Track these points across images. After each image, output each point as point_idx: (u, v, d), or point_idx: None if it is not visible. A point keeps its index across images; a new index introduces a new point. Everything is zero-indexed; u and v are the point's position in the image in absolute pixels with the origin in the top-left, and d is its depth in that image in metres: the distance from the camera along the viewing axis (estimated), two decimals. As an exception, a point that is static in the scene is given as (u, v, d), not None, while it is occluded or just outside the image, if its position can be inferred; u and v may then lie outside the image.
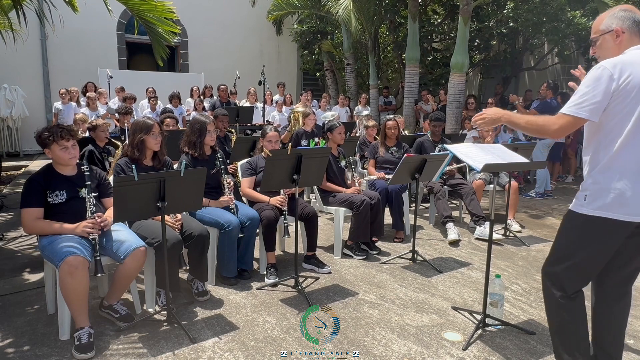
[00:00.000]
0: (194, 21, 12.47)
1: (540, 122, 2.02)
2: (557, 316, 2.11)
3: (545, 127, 1.99)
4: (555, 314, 2.12)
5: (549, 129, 1.98)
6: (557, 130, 1.96)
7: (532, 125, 2.05)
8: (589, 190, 1.97)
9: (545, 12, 8.66)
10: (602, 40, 2.03)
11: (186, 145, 3.59)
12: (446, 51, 11.69)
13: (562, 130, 1.96)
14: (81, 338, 2.45)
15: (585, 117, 1.89)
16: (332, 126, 4.43)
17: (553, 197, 6.87)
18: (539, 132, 2.05)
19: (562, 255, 2.07)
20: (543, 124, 2.00)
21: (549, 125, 1.98)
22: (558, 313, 2.10)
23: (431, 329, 2.83)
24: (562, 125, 1.95)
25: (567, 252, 2.05)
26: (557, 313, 2.11)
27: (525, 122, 2.08)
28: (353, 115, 10.47)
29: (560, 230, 2.12)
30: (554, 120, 1.97)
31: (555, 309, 2.10)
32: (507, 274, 3.81)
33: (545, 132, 2.01)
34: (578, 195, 2.04)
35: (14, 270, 3.68)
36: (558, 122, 1.95)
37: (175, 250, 2.89)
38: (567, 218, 2.09)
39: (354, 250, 4.13)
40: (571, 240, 2.05)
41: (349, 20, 9.72)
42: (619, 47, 1.97)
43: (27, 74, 10.63)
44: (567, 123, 1.93)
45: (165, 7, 5.61)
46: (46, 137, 2.69)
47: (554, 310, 2.11)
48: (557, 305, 2.08)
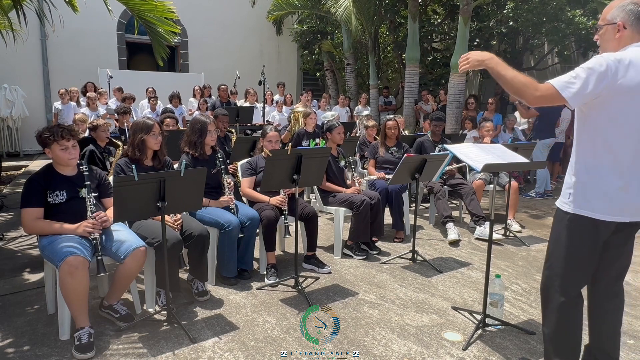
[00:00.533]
0: (194, 21, 12.47)
1: (524, 81, 1.89)
2: (555, 320, 2.09)
3: (528, 89, 1.88)
4: (552, 318, 2.10)
5: (530, 92, 1.88)
6: (538, 97, 1.87)
7: (515, 82, 1.92)
8: (572, 188, 1.97)
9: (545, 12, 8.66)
10: (605, 30, 1.97)
11: (187, 145, 3.59)
12: (446, 51, 11.69)
13: (543, 98, 1.88)
14: (81, 338, 2.46)
15: (567, 97, 1.83)
16: (332, 126, 4.43)
17: (553, 197, 6.87)
18: (519, 92, 1.92)
19: (553, 253, 2.08)
20: (526, 84, 1.89)
21: (532, 88, 1.87)
22: (556, 317, 2.08)
23: (431, 329, 2.83)
24: (544, 94, 1.86)
25: (557, 249, 2.05)
26: (555, 317, 2.08)
27: (511, 76, 1.93)
28: (353, 115, 10.47)
29: (552, 227, 2.12)
30: (539, 86, 1.88)
31: (554, 314, 2.08)
32: (507, 274, 3.81)
33: (525, 94, 1.89)
34: (563, 191, 2.03)
35: (14, 270, 3.69)
36: (541, 89, 1.87)
37: (175, 250, 2.89)
38: (555, 215, 2.10)
39: (354, 250, 4.13)
40: (559, 238, 2.05)
41: (349, 20, 9.73)
42: (618, 41, 1.92)
43: (27, 74, 10.63)
44: (550, 94, 1.86)
45: (165, 7, 5.61)
46: (46, 137, 2.69)
47: (552, 315, 2.09)
48: (556, 310, 2.07)
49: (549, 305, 2.11)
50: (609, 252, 2.03)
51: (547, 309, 2.13)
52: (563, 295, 2.04)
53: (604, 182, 1.89)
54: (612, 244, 2.01)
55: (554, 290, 2.07)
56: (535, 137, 6.74)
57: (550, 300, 2.10)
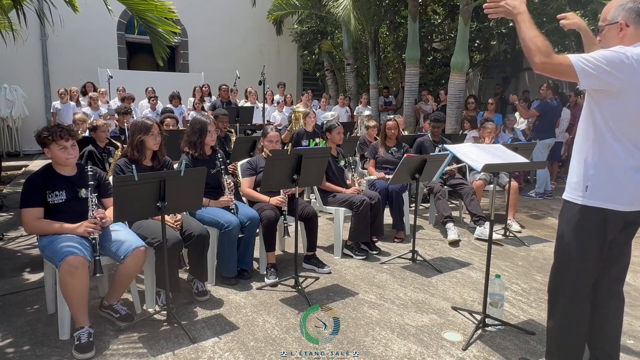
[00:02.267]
0: (194, 21, 12.47)
1: (539, 45, 1.84)
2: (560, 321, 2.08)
3: (539, 53, 1.83)
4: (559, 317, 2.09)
5: (539, 57, 1.83)
6: (545, 63, 1.82)
7: (531, 42, 1.86)
8: (590, 180, 1.93)
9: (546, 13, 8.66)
10: (607, 31, 1.95)
11: (187, 145, 3.59)
12: (446, 51, 11.70)
13: (550, 66, 1.83)
14: (81, 338, 2.45)
15: (579, 72, 1.78)
16: (331, 126, 4.43)
17: (553, 197, 6.87)
18: (530, 53, 1.87)
19: (562, 246, 2.06)
20: (540, 48, 1.83)
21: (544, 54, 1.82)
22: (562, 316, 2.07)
23: (431, 329, 2.83)
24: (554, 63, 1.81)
25: (566, 242, 2.04)
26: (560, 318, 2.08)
27: (530, 36, 1.87)
28: (353, 115, 10.48)
29: (559, 223, 2.10)
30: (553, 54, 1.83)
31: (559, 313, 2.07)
32: (507, 274, 3.81)
33: (534, 56, 1.85)
34: (574, 184, 1.99)
35: (14, 270, 3.68)
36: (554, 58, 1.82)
37: (175, 250, 2.89)
38: (563, 210, 2.07)
39: (354, 250, 4.13)
40: (568, 233, 2.03)
41: (348, 20, 9.72)
42: (621, 40, 1.90)
43: (27, 74, 10.63)
44: (561, 66, 1.81)
45: (165, 7, 5.62)
46: (45, 137, 2.69)
47: (558, 314, 2.08)
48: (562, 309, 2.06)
49: (555, 304, 2.10)
50: (611, 251, 2.03)
51: (552, 308, 2.12)
52: (572, 294, 2.04)
53: (617, 168, 1.87)
54: (615, 242, 2.01)
55: (562, 288, 2.06)
56: (535, 137, 6.74)
57: (556, 300, 2.09)
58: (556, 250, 2.12)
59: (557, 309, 2.10)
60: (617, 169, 1.89)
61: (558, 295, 2.10)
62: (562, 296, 2.08)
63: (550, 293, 2.15)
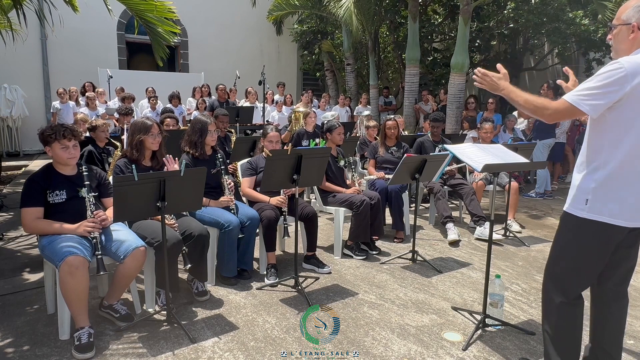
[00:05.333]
0: (194, 21, 12.47)
1: (537, 103, 1.96)
2: (555, 321, 2.08)
3: (543, 109, 1.94)
4: (553, 319, 2.09)
5: (544, 112, 1.94)
6: (551, 114, 1.93)
7: (529, 104, 1.99)
8: (591, 194, 1.91)
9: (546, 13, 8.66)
10: (619, 30, 1.94)
11: (187, 145, 3.59)
12: (446, 51, 11.69)
13: (558, 114, 1.92)
14: (81, 338, 2.45)
15: (585, 110, 1.84)
16: (331, 126, 4.43)
17: (553, 197, 6.87)
18: (535, 113, 1.99)
19: (560, 257, 2.06)
20: (541, 106, 1.94)
21: (545, 107, 1.93)
22: (556, 318, 2.07)
23: (431, 329, 2.83)
24: (559, 110, 1.90)
25: (565, 254, 2.04)
26: (555, 318, 2.08)
27: (524, 101, 2.01)
28: (353, 115, 10.47)
29: (558, 232, 2.09)
30: (552, 104, 1.92)
31: (555, 315, 2.07)
32: (507, 274, 3.81)
33: (541, 113, 1.95)
34: (575, 197, 1.98)
35: (14, 270, 3.68)
36: (555, 106, 1.90)
37: (175, 250, 2.89)
38: (564, 220, 2.05)
39: (354, 250, 4.13)
40: (569, 242, 2.02)
41: (349, 20, 9.72)
42: (632, 42, 1.89)
43: (27, 74, 10.63)
44: (566, 110, 1.89)
45: (165, 7, 5.62)
46: (48, 135, 2.69)
47: (553, 316, 2.09)
48: (557, 311, 2.06)
49: (550, 306, 2.10)
50: (617, 254, 2.01)
51: (547, 309, 2.12)
52: (563, 297, 2.04)
53: (626, 189, 1.86)
54: (621, 245, 1.99)
55: (554, 291, 2.07)
56: (535, 138, 6.74)
57: (550, 301, 2.09)
58: (552, 255, 2.11)
59: (550, 310, 2.10)
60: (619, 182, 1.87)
61: (550, 297, 2.10)
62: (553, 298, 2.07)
63: (543, 295, 2.15)
